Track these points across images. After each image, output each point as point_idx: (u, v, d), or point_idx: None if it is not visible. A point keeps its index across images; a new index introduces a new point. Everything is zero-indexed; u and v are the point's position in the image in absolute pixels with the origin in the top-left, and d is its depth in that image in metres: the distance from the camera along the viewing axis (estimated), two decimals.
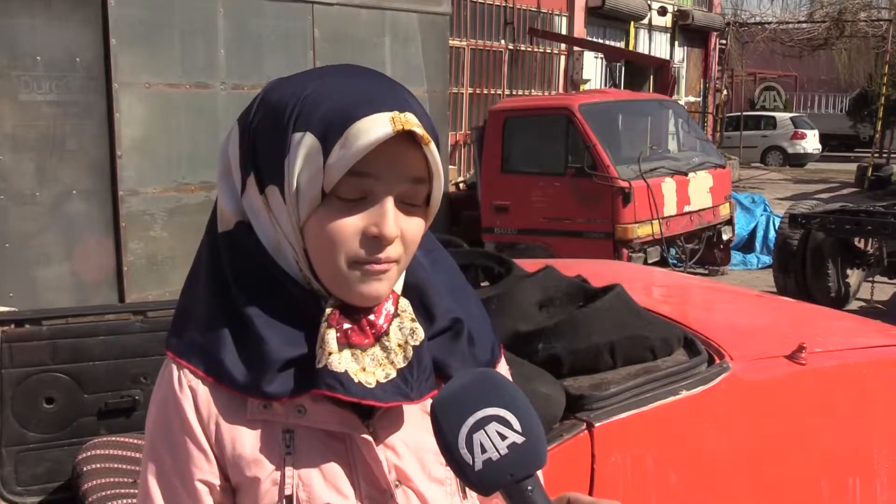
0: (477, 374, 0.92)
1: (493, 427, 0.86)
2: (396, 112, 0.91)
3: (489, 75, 13.40)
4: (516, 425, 0.86)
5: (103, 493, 2.11)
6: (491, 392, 0.88)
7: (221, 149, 1.01)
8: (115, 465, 2.25)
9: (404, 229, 0.95)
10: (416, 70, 8.74)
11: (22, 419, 2.31)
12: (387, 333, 0.97)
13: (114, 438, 2.36)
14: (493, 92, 13.39)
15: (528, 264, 2.61)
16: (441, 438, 0.87)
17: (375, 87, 0.95)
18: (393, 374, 0.96)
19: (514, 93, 13.74)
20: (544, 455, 0.88)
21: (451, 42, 10.78)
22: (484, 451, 0.85)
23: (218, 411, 0.96)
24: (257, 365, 0.94)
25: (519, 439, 0.85)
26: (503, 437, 0.85)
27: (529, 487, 0.85)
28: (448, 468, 1.03)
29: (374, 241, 0.93)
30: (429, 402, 0.94)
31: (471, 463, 0.85)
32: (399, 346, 0.97)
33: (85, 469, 2.21)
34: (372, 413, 1.00)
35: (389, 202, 0.93)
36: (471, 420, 0.86)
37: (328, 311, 0.96)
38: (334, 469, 0.97)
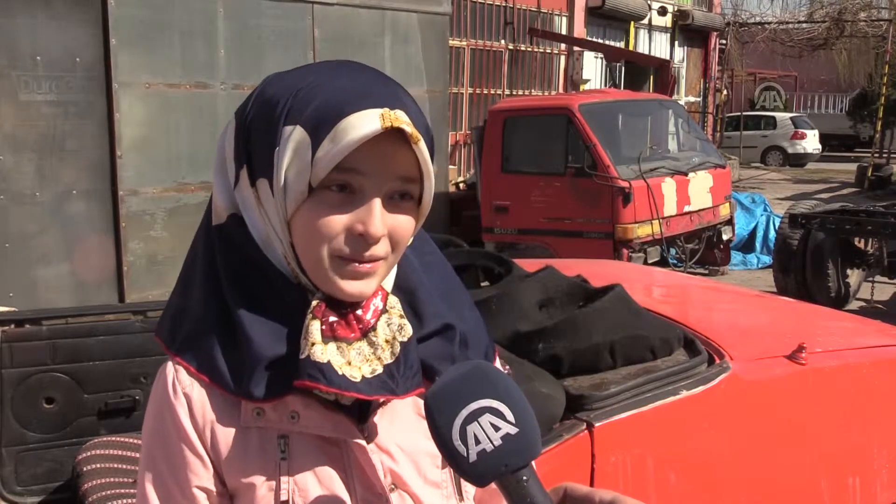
0: (470, 365, 0.91)
1: (486, 418, 0.86)
2: (387, 109, 0.90)
3: (489, 75, 13.40)
4: (510, 416, 0.86)
5: (103, 493, 2.11)
6: (484, 383, 0.88)
7: (218, 141, 1.01)
8: (115, 465, 2.25)
9: (392, 228, 0.94)
10: (416, 70, 8.75)
11: (22, 419, 2.31)
12: (374, 329, 0.96)
13: (114, 438, 2.36)
14: (493, 92, 13.39)
15: (528, 264, 2.61)
16: (435, 430, 0.87)
17: (369, 83, 0.94)
18: (379, 370, 0.95)
19: (514, 93, 13.74)
20: (538, 445, 0.88)
21: (451, 42, 10.78)
22: (478, 442, 0.85)
23: (212, 417, 0.95)
24: (244, 365, 0.94)
25: (512, 430, 0.86)
26: (497, 429, 0.85)
27: (524, 477, 0.85)
28: (444, 471, 1.03)
29: (359, 239, 0.93)
30: (422, 403, 0.93)
31: (465, 455, 0.85)
32: (386, 341, 0.97)
33: (85, 469, 2.21)
34: (366, 417, 0.99)
35: (376, 200, 0.93)
36: (464, 412, 0.86)
37: (314, 302, 0.95)
38: (329, 474, 0.97)
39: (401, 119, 0.91)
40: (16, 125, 5.82)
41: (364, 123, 0.89)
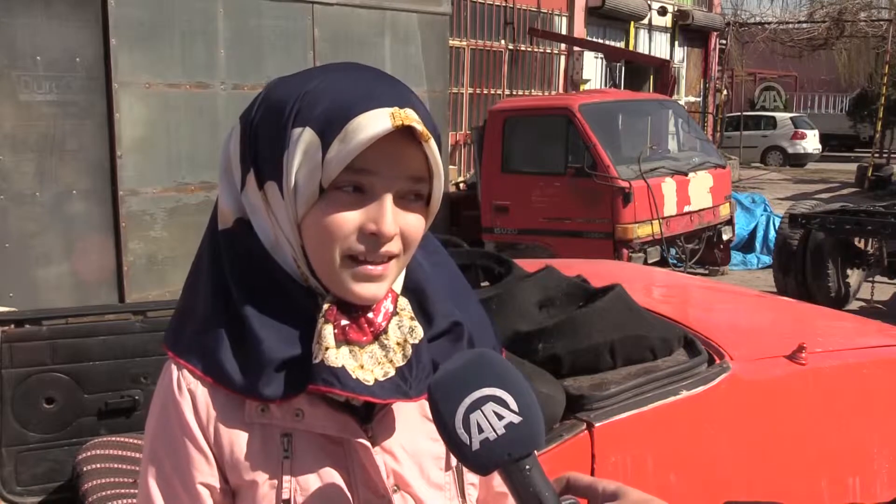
0: (474, 354, 0.91)
1: (490, 407, 0.85)
2: (396, 108, 0.90)
3: (489, 75, 13.40)
4: (513, 405, 0.86)
5: (103, 493, 2.11)
6: (488, 372, 0.88)
7: (223, 146, 1.01)
8: (115, 465, 2.25)
9: (404, 227, 0.94)
10: (416, 70, 8.74)
11: (22, 419, 2.31)
12: (385, 332, 0.96)
13: (114, 438, 2.36)
14: (493, 92, 13.39)
15: (528, 264, 2.61)
16: (438, 419, 0.87)
17: (376, 83, 0.94)
18: (392, 373, 0.95)
19: (514, 93, 13.73)
20: (542, 435, 0.88)
21: (451, 42, 10.78)
22: (481, 431, 0.85)
23: (216, 414, 0.95)
24: (254, 365, 0.93)
25: (516, 419, 0.85)
26: (500, 417, 0.85)
27: (527, 467, 0.85)
28: (447, 473, 1.03)
29: (372, 238, 0.93)
30: (428, 405, 0.93)
31: (468, 443, 0.85)
32: (398, 344, 0.96)
33: (85, 469, 2.21)
34: (371, 417, 0.99)
35: (388, 199, 0.92)
36: (468, 400, 0.86)
37: (325, 306, 0.95)
38: (332, 474, 0.96)
39: (411, 117, 0.91)
40: (16, 125, 5.82)
41: (374, 123, 0.89)
